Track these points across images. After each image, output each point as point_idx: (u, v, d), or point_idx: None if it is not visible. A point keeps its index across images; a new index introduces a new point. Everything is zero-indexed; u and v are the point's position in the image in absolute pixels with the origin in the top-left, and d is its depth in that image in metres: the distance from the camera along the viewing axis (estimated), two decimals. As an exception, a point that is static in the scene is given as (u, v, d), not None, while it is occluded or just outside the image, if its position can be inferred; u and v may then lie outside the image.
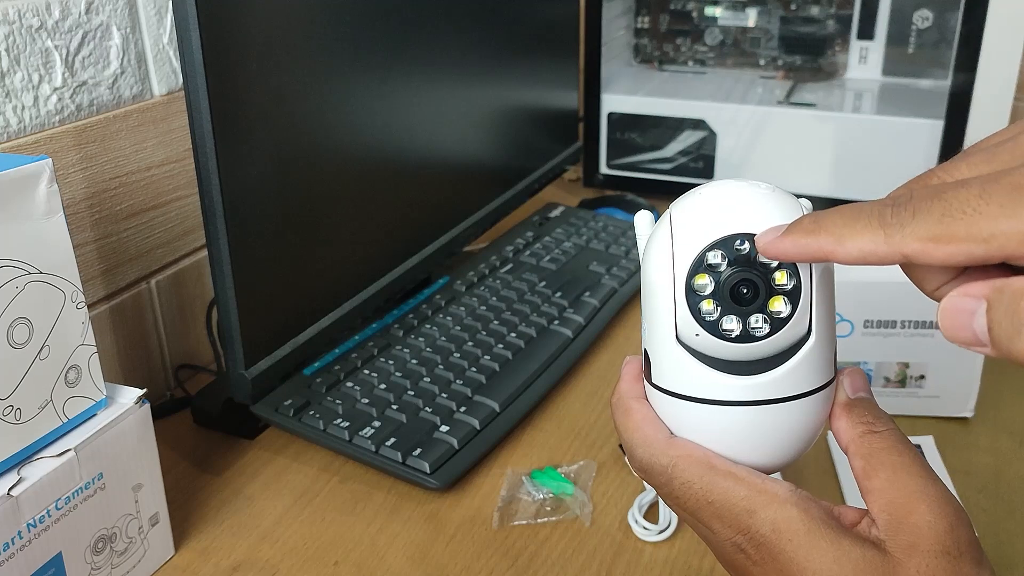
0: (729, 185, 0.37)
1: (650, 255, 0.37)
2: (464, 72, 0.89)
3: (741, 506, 0.35)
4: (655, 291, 0.37)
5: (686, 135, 1.15)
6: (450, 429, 0.68)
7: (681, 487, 0.36)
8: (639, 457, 0.38)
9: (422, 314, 0.82)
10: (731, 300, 0.35)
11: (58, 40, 0.67)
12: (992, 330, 0.28)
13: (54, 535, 0.51)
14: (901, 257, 0.29)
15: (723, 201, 0.36)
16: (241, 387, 0.67)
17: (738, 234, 0.35)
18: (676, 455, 0.37)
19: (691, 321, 0.36)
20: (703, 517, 0.36)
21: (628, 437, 0.39)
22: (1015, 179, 0.27)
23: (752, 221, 0.35)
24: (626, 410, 0.39)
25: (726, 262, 0.35)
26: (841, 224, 0.31)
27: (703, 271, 0.35)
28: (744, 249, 0.35)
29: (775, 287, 0.35)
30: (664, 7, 1.26)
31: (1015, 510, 0.63)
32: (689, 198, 0.37)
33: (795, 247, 0.33)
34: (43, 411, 0.50)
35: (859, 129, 1.08)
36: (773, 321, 0.35)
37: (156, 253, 0.77)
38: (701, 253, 0.35)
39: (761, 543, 0.34)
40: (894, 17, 1.15)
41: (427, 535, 0.62)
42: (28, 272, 0.48)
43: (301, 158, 0.68)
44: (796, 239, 0.33)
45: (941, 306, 0.29)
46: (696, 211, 0.36)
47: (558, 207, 1.08)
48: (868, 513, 0.35)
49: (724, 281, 0.35)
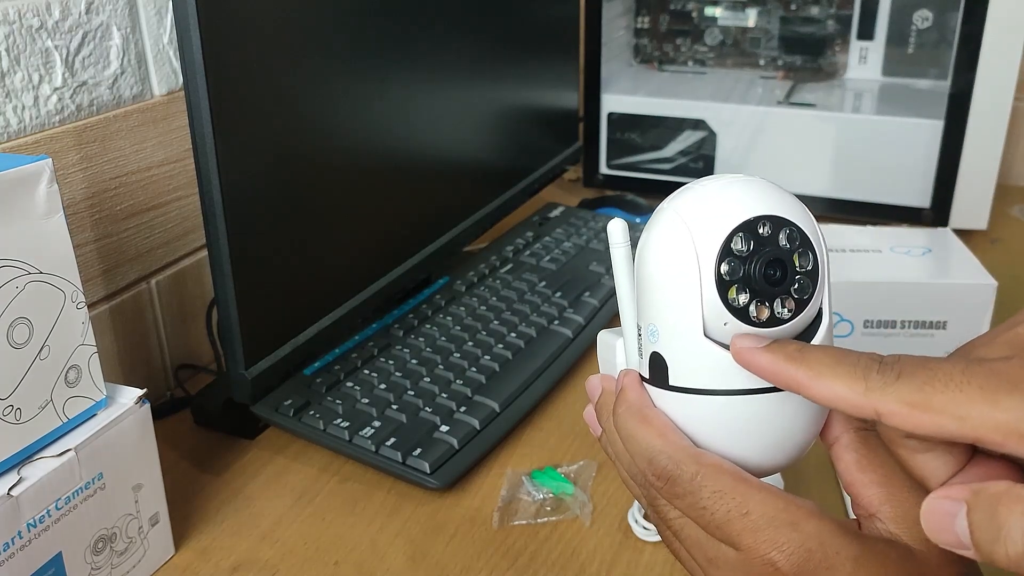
0: (725, 178, 0.37)
1: (658, 254, 0.37)
2: (464, 72, 0.89)
3: (783, 518, 0.33)
4: (671, 288, 0.36)
5: (686, 135, 1.15)
6: (450, 429, 0.68)
7: (712, 496, 0.34)
8: (662, 466, 0.36)
9: (422, 314, 0.82)
10: (763, 282, 0.35)
11: (58, 40, 0.67)
12: (973, 534, 0.28)
13: (54, 535, 0.51)
14: (873, 413, 0.30)
15: (731, 190, 0.36)
16: (241, 387, 0.67)
17: (760, 216, 0.35)
18: (707, 463, 0.35)
19: (720, 310, 0.35)
20: (731, 531, 0.34)
21: (648, 445, 0.37)
22: (998, 366, 0.28)
23: (766, 204, 0.35)
24: (643, 418, 0.37)
25: (752, 245, 0.35)
26: (825, 364, 0.31)
27: (730, 258, 0.35)
28: (767, 231, 0.35)
29: (797, 270, 0.35)
30: (664, 7, 1.26)
31: (1015, 510, 0.63)
32: (691, 191, 0.37)
33: (772, 367, 0.33)
34: (43, 411, 0.50)
35: (859, 129, 1.08)
36: (797, 303, 0.35)
37: (156, 253, 0.77)
38: (727, 238, 0.35)
39: (805, 558, 0.33)
40: (894, 17, 1.15)
41: (427, 535, 0.62)
42: (28, 272, 0.48)
43: (301, 158, 0.68)
44: (776, 360, 0.33)
45: (923, 507, 0.29)
46: (707, 201, 0.36)
47: (558, 207, 1.08)
48: (870, 514, 0.35)
49: (755, 264, 0.35)
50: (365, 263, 0.78)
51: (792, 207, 0.36)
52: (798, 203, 0.36)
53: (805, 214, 0.36)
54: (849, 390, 0.30)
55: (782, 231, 0.35)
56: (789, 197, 0.36)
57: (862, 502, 0.35)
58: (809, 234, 0.36)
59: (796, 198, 0.36)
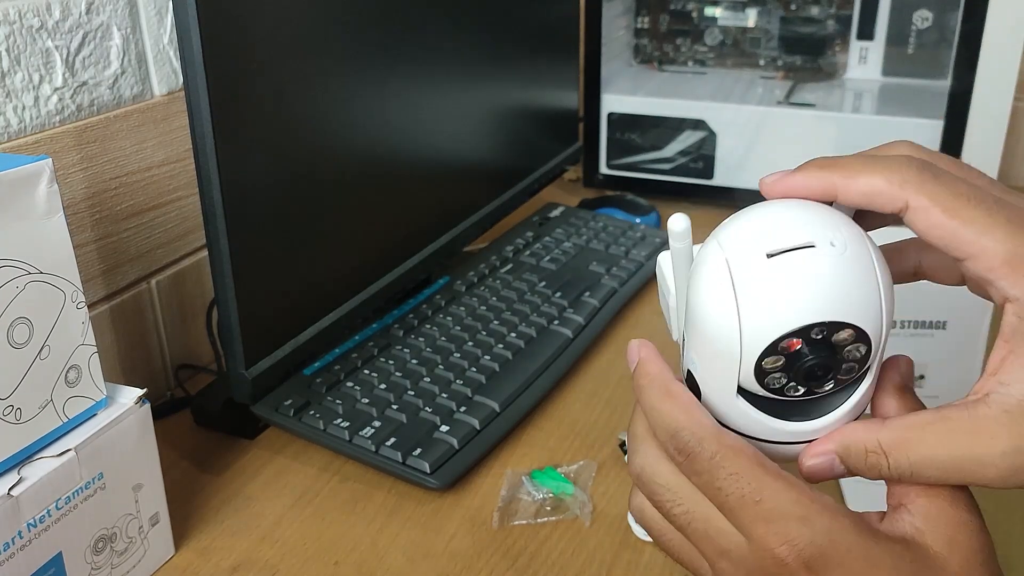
0: (802, 254, 0.33)
1: (705, 309, 0.35)
2: (464, 72, 0.89)
3: (794, 512, 0.33)
4: (712, 345, 0.35)
5: (686, 135, 1.15)
6: (450, 429, 0.68)
7: (728, 478, 0.34)
8: (684, 441, 0.35)
9: (422, 314, 0.83)
10: (805, 379, 0.34)
11: (58, 40, 0.67)
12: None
13: (54, 535, 0.51)
14: (903, 206, 0.33)
15: (799, 276, 0.33)
16: (241, 387, 0.67)
17: (815, 324, 0.33)
18: (728, 444, 0.34)
19: (755, 383, 0.34)
20: (743, 517, 0.33)
21: (673, 418, 0.36)
22: None
23: (829, 305, 0.33)
24: (668, 392, 0.36)
25: (801, 347, 0.33)
26: (859, 163, 0.34)
27: (775, 356, 0.33)
28: (821, 336, 0.33)
29: (847, 359, 0.34)
30: (664, 7, 1.26)
31: (1015, 510, 0.63)
32: (753, 256, 0.34)
33: (806, 181, 0.35)
34: (43, 411, 0.50)
35: (859, 129, 1.08)
36: (840, 382, 0.35)
37: (156, 253, 0.77)
38: (775, 341, 0.33)
39: (814, 555, 0.32)
40: (894, 17, 1.15)
41: (427, 535, 0.62)
42: (28, 272, 0.48)
43: (301, 158, 0.68)
44: (808, 174, 0.35)
45: None
46: (766, 282, 0.33)
47: (558, 207, 1.08)
48: (901, 503, 0.34)
49: (798, 366, 0.33)
50: (365, 263, 0.78)
51: (861, 299, 0.33)
52: (877, 287, 0.33)
53: (872, 301, 0.33)
54: (886, 182, 0.33)
55: (837, 333, 0.33)
56: (866, 278, 0.33)
57: (896, 490, 0.35)
58: (870, 331, 0.33)
59: (878, 270, 0.34)
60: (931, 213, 0.32)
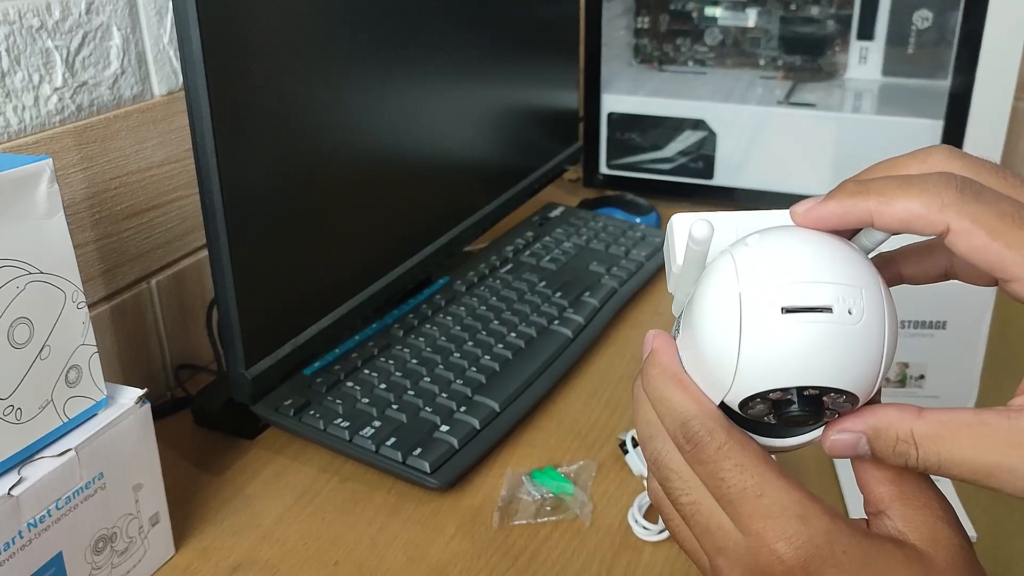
0: (817, 319, 0.32)
1: (703, 328, 0.34)
2: (464, 72, 0.89)
3: (794, 511, 0.33)
4: (707, 364, 0.35)
5: (686, 135, 1.15)
6: (450, 429, 0.68)
7: (733, 469, 0.34)
8: (694, 430, 0.35)
9: (422, 314, 0.83)
10: (786, 422, 0.34)
11: (58, 40, 0.67)
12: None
13: (54, 535, 0.51)
14: (944, 229, 0.31)
15: (807, 341, 0.32)
16: (241, 387, 0.67)
17: (811, 386, 0.33)
18: (736, 437, 0.35)
19: (735, 407, 0.34)
20: (742, 510, 0.34)
21: (684, 407, 0.35)
22: None
23: (829, 375, 0.32)
24: (680, 381, 0.36)
25: (791, 398, 0.33)
26: (893, 186, 0.32)
27: (765, 400, 0.34)
28: (813, 394, 0.33)
29: (832, 410, 0.34)
30: (664, 7, 1.26)
31: (1015, 510, 0.63)
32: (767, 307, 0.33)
33: (840, 209, 0.34)
34: (43, 411, 0.51)
35: (859, 129, 1.08)
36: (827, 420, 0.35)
37: (156, 253, 0.77)
38: (763, 392, 0.33)
39: (811, 553, 0.32)
40: (894, 17, 1.15)
41: (427, 535, 0.62)
42: (28, 272, 0.48)
43: (301, 158, 0.69)
44: (842, 202, 0.34)
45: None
46: (774, 343, 0.32)
47: (558, 207, 1.08)
48: (879, 511, 0.35)
49: (784, 412, 0.33)
50: (365, 263, 0.78)
51: (863, 371, 0.33)
52: (880, 360, 0.33)
53: (872, 372, 0.33)
54: (924, 206, 0.31)
55: (831, 394, 0.33)
56: (870, 353, 0.33)
57: (872, 499, 0.35)
58: (862, 396, 0.33)
59: (885, 345, 0.33)
60: (974, 236, 0.31)
